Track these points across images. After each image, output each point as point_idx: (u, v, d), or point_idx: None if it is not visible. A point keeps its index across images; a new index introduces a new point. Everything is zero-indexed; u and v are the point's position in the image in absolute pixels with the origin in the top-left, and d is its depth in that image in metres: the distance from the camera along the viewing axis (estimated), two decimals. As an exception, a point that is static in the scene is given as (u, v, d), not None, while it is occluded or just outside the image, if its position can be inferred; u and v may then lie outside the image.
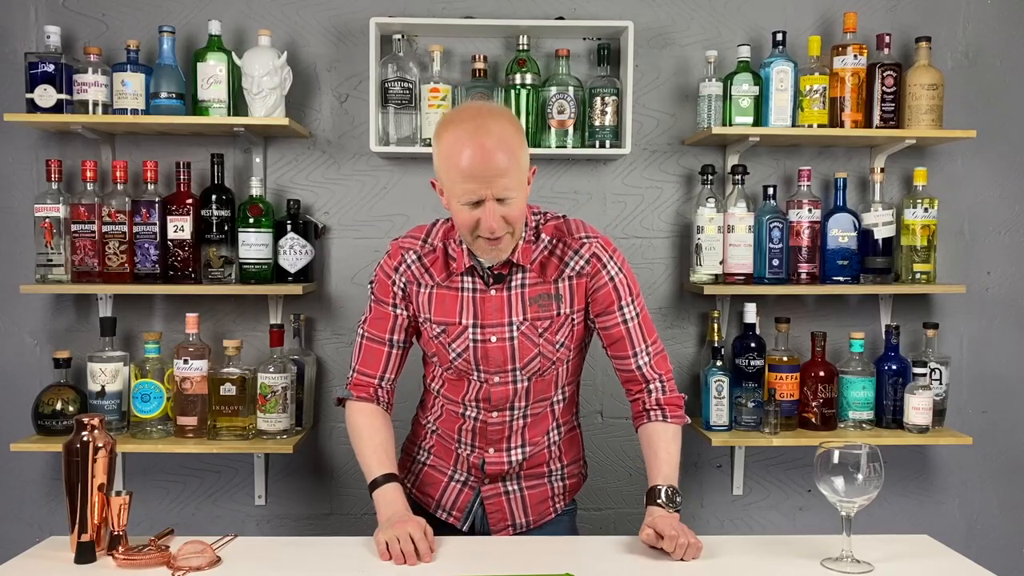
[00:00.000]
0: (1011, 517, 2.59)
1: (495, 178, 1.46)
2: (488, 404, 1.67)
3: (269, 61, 2.22)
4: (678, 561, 1.46)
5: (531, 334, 1.62)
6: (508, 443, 1.70)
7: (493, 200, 1.47)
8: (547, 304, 1.62)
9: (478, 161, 1.45)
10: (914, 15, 2.49)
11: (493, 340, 1.62)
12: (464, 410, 1.69)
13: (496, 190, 1.47)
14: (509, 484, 1.73)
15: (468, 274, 1.63)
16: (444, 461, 1.75)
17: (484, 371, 1.64)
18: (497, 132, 1.48)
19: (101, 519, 1.44)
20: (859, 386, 2.34)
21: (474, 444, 1.70)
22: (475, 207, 1.49)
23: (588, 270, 1.63)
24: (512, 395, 1.66)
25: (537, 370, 1.65)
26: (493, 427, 1.69)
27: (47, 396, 2.26)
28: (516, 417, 1.69)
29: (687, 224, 2.47)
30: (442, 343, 1.64)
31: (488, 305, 1.62)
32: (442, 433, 1.74)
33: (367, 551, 1.50)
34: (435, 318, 1.64)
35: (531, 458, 1.72)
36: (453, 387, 1.69)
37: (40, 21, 2.37)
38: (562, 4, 2.45)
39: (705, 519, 2.52)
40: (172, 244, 2.27)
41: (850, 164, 2.51)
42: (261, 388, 2.20)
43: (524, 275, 1.62)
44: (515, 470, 1.72)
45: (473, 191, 1.47)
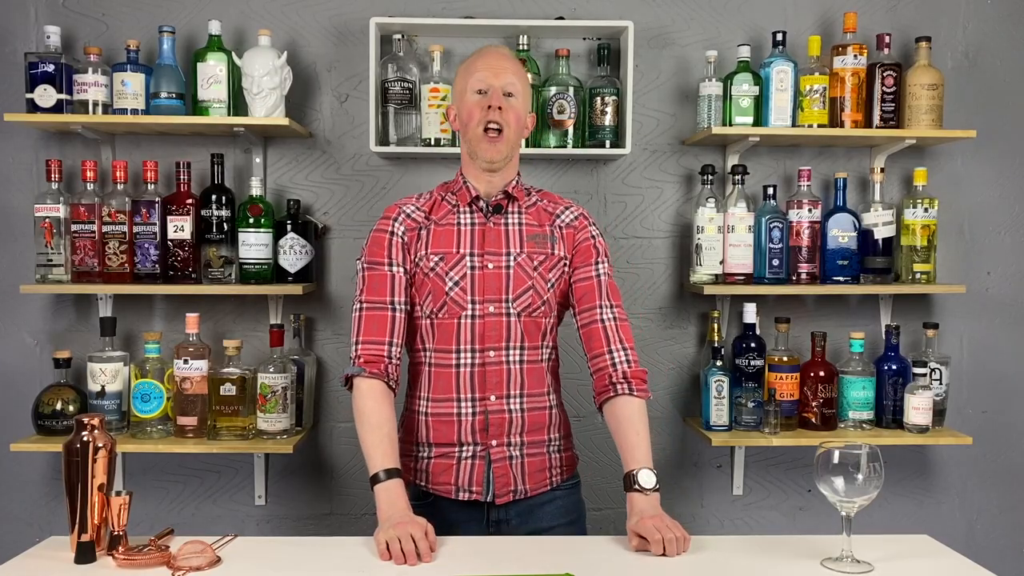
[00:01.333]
0: (1011, 517, 2.59)
1: (503, 73, 1.70)
2: (483, 343, 1.68)
3: (269, 61, 2.22)
4: (674, 557, 1.46)
5: (526, 266, 1.71)
6: (507, 388, 1.70)
7: (499, 88, 1.69)
8: (543, 243, 1.74)
9: (492, 59, 1.72)
10: (914, 15, 2.49)
11: (490, 267, 1.70)
12: (459, 358, 1.69)
13: (503, 82, 1.69)
14: (513, 449, 1.72)
15: (468, 210, 1.73)
16: (448, 444, 1.72)
17: (479, 300, 1.68)
18: (509, 52, 1.78)
19: (101, 519, 1.44)
20: (859, 386, 2.34)
21: (474, 395, 1.69)
22: (484, 97, 1.69)
23: (576, 224, 1.78)
24: (506, 330, 1.69)
25: (528, 305, 1.70)
26: (491, 367, 1.69)
27: (47, 396, 2.26)
28: (512, 361, 1.70)
29: (687, 224, 2.47)
30: (439, 273, 1.68)
31: (488, 235, 1.72)
32: (438, 407, 1.71)
33: (367, 551, 1.50)
34: (432, 250, 1.70)
35: (531, 413, 1.72)
36: (444, 335, 1.69)
37: (40, 21, 2.38)
38: (562, 4, 2.45)
39: (705, 519, 2.53)
40: (172, 244, 2.27)
41: (850, 164, 2.51)
42: (261, 388, 2.20)
43: (521, 215, 1.76)
44: (517, 428, 1.71)
45: (484, 78, 1.69)
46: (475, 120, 1.69)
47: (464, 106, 1.71)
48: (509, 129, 1.69)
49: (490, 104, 1.67)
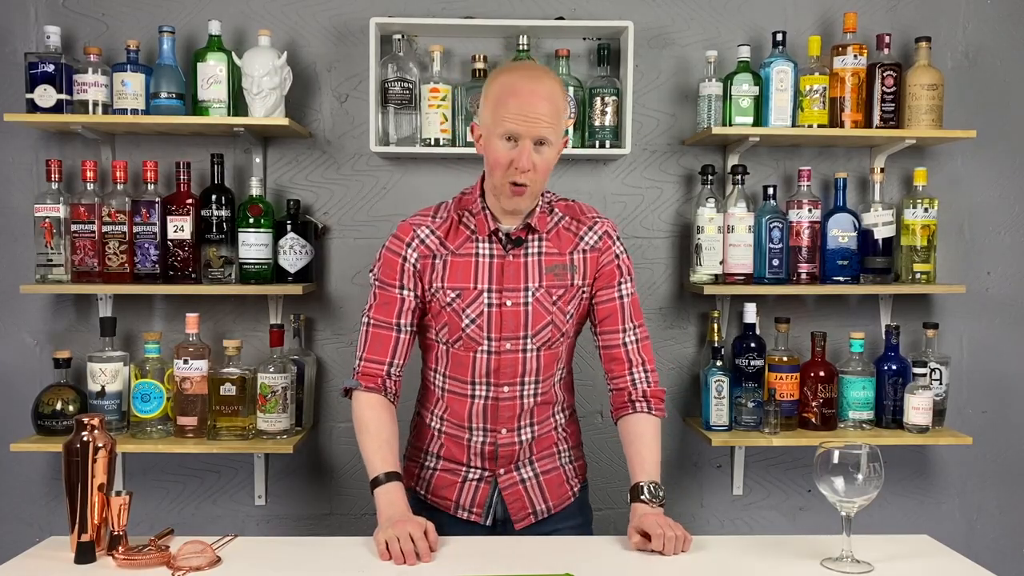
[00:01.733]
0: (1011, 517, 2.59)
1: (537, 120, 1.56)
2: (497, 378, 1.67)
3: (269, 61, 2.22)
4: (673, 556, 1.46)
5: (545, 301, 1.67)
6: (519, 421, 1.71)
7: (530, 140, 1.56)
8: (562, 274, 1.69)
9: (526, 101, 1.56)
10: (914, 15, 2.49)
11: (508, 304, 1.66)
12: (473, 390, 1.69)
13: (535, 132, 1.56)
14: (524, 471, 1.73)
15: (487, 240, 1.67)
16: (455, 462, 1.74)
17: (496, 338, 1.66)
18: (548, 84, 1.60)
19: (101, 519, 1.44)
20: (859, 386, 2.34)
21: (486, 427, 1.70)
22: (512, 145, 1.57)
23: (600, 245, 1.72)
24: (522, 366, 1.67)
25: (547, 340, 1.68)
26: (504, 403, 1.69)
27: (47, 396, 2.26)
28: (527, 394, 1.70)
29: (687, 224, 2.47)
30: (455, 310, 1.66)
31: (507, 270, 1.67)
32: (450, 428, 1.73)
33: (367, 551, 1.50)
34: (448, 284, 1.66)
35: (540, 439, 1.74)
36: (459, 365, 1.69)
37: (40, 21, 2.38)
38: (562, 4, 2.45)
39: (705, 519, 2.53)
40: (172, 244, 2.27)
41: (850, 164, 2.51)
42: (261, 388, 2.20)
43: (541, 243, 1.69)
44: (526, 454, 1.72)
45: (515, 127, 1.56)
46: (500, 170, 1.59)
47: (491, 149, 1.60)
48: (536, 184, 1.61)
49: (519, 166, 1.56)
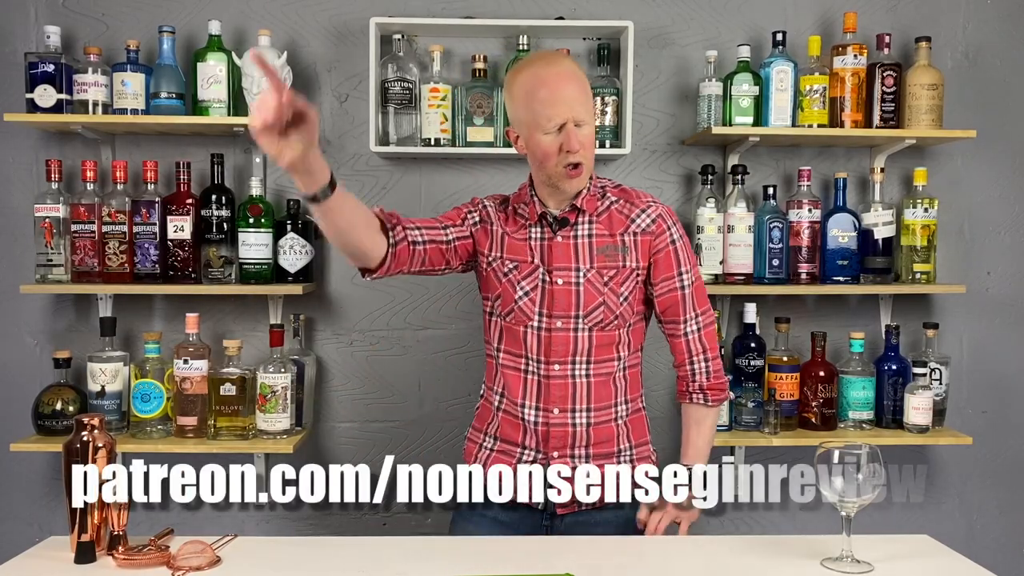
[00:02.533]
0: (1011, 517, 2.59)
1: (572, 102, 1.60)
2: (548, 356, 1.68)
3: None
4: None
5: (597, 282, 1.68)
6: (572, 403, 1.69)
7: (572, 122, 1.60)
8: (613, 255, 1.70)
9: (558, 88, 1.60)
10: (914, 15, 2.49)
11: (560, 283, 1.68)
12: (526, 365, 1.70)
13: (573, 114, 1.60)
14: (578, 461, 1.69)
15: (535, 225, 1.72)
16: (511, 442, 1.73)
17: (547, 315, 1.68)
18: (568, 66, 1.66)
19: (101, 519, 1.44)
20: (859, 386, 2.34)
21: (538, 405, 1.70)
22: (558, 133, 1.61)
23: (654, 229, 1.71)
24: (573, 345, 1.68)
25: (600, 321, 1.68)
26: (555, 381, 1.68)
27: (47, 396, 2.26)
28: (579, 375, 1.69)
29: (687, 224, 2.46)
30: (511, 280, 1.70)
31: (555, 250, 1.69)
32: (507, 404, 1.73)
33: (367, 551, 1.51)
34: (507, 255, 1.72)
35: (597, 427, 1.70)
36: (513, 339, 1.71)
37: (40, 21, 2.37)
38: (562, 4, 2.45)
39: (705, 519, 2.52)
40: (172, 244, 2.27)
41: (850, 164, 2.51)
42: (261, 388, 2.20)
43: (590, 225, 1.71)
44: (582, 441, 1.70)
45: (556, 115, 1.60)
46: (552, 160, 1.63)
47: (537, 144, 1.63)
48: (588, 160, 1.65)
49: (569, 149, 1.60)
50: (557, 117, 1.60)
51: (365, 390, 2.49)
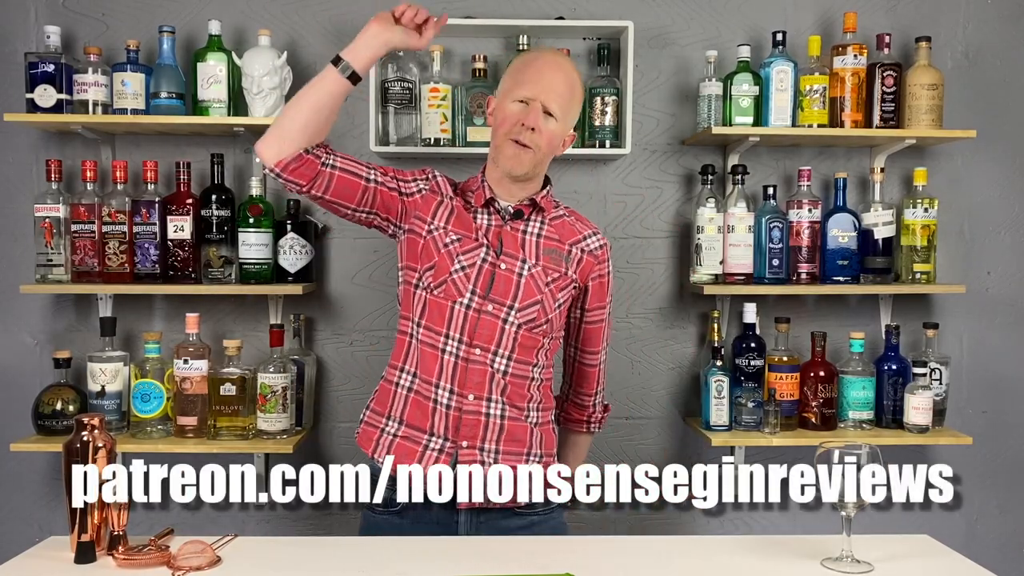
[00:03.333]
0: (1011, 517, 2.60)
1: (550, 91, 1.64)
2: (472, 337, 1.64)
3: (269, 61, 2.22)
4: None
5: (540, 279, 1.69)
6: (489, 391, 1.65)
7: (540, 104, 1.63)
8: (558, 260, 1.71)
9: (547, 72, 1.67)
10: (914, 15, 2.49)
11: (502, 267, 1.67)
12: (445, 343, 1.64)
13: (546, 99, 1.64)
14: (486, 456, 1.64)
15: (482, 210, 1.71)
16: (418, 428, 1.65)
17: (480, 296, 1.64)
18: (568, 69, 1.71)
19: (101, 519, 1.44)
20: (859, 386, 2.34)
21: (453, 388, 1.64)
22: (523, 107, 1.64)
23: (599, 254, 1.77)
24: (499, 335, 1.64)
25: (532, 320, 1.66)
26: (475, 366, 1.64)
27: (47, 396, 2.26)
28: (498, 366, 1.65)
29: (687, 224, 2.47)
30: (451, 252, 1.66)
31: (505, 239, 1.69)
32: (420, 383, 1.66)
33: (367, 551, 1.50)
34: (452, 227, 1.68)
35: (511, 422, 1.66)
36: (437, 315, 1.65)
37: (40, 21, 2.37)
38: (562, 4, 2.45)
39: (705, 519, 2.52)
40: (172, 244, 2.27)
41: (850, 164, 2.51)
42: (261, 388, 2.20)
43: (542, 225, 1.73)
44: (494, 435, 1.65)
45: (529, 91, 1.64)
46: (506, 127, 1.65)
47: (502, 109, 1.67)
48: (538, 151, 1.65)
49: (525, 121, 1.63)
50: (531, 91, 1.64)
51: (365, 390, 2.49)
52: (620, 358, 2.48)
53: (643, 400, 2.51)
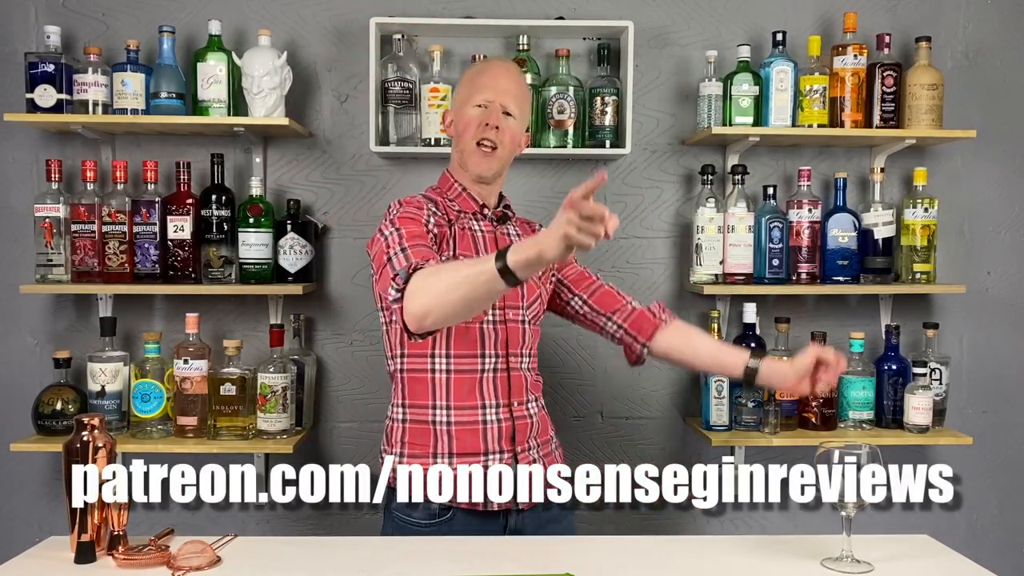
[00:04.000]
0: (1011, 517, 2.60)
1: (506, 92, 1.72)
2: (508, 347, 1.70)
3: (269, 61, 2.22)
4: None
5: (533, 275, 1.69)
6: (526, 394, 1.73)
7: (499, 106, 1.71)
8: None
9: (498, 77, 1.75)
10: (914, 15, 2.49)
11: None
12: (483, 363, 1.68)
13: (504, 100, 1.71)
14: (534, 453, 1.72)
15: (475, 218, 1.76)
16: (473, 454, 1.64)
17: (500, 306, 1.69)
18: (517, 73, 1.82)
19: (101, 519, 1.44)
20: (859, 386, 2.34)
21: (498, 402, 1.68)
22: (483, 110, 1.70)
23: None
24: (522, 337, 1.73)
25: (536, 314, 1.77)
26: (515, 373, 1.71)
27: (47, 396, 2.26)
28: (526, 367, 1.75)
29: (687, 224, 2.47)
30: None
31: (502, 243, 1.72)
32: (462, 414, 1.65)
33: (367, 551, 1.51)
34: (461, 252, 1.71)
35: (541, 419, 1.77)
36: (466, 339, 1.66)
37: (40, 21, 2.37)
38: (562, 4, 2.45)
39: (705, 519, 2.52)
40: (172, 244, 2.27)
41: (850, 164, 2.51)
42: (261, 388, 2.20)
43: (516, 226, 1.83)
44: (535, 432, 1.73)
45: (486, 94, 1.71)
46: (470, 133, 1.71)
47: (462, 117, 1.73)
48: (503, 148, 1.72)
49: (487, 122, 1.70)
50: (488, 95, 1.71)
51: (365, 390, 2.49)
52: (620, 358, 2.47)
53: (643, 400, 2.51)
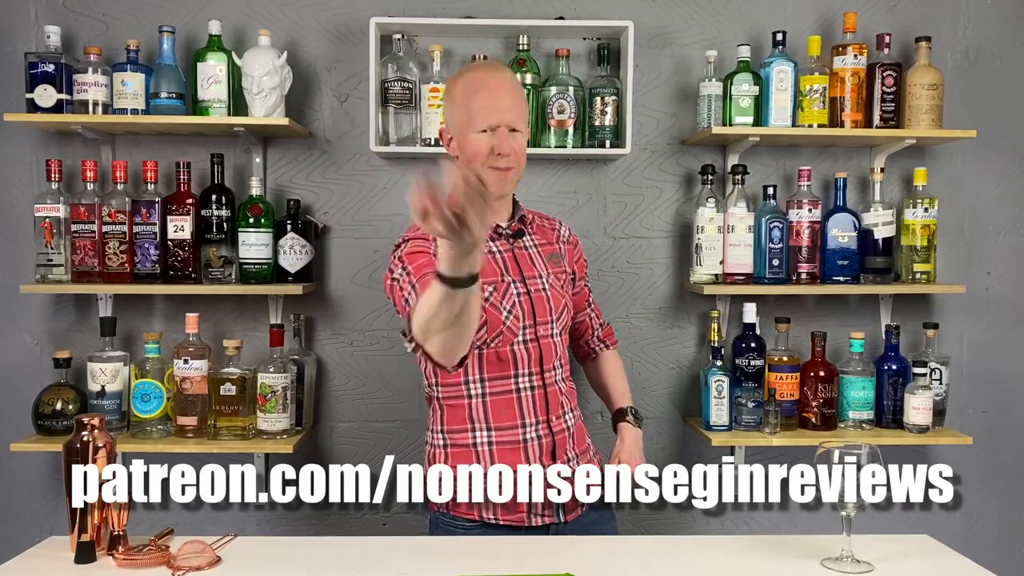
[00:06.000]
0: (1011, 517, 2.60)
1: (508, 110, 1.67)
2: (539, 365, 1.70)
3: (269, 61, 2.22)
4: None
5: (556, 286, 1.77)
6: (563, 408, 1.73)
7: (506, 127, 1.66)
8: (558, 261, 1.81)
9: (495, 92, 1.68)
10: (914, 15, 2.49)
11: (534, 291, 1.72)
12: (517, 383, 1.68)
13: (509, 120, 1.66)
14: (572, 464, 1.71)
15: (489, 241, 1.72)
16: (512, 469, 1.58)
17: (531, 325, 1.69)
18: (508, 76, 1.76)
19: (101, 519, 1.44)
20: (859, 386, 2.34)
21: (538, 419, 1.68)
22: (490, 135, 1.65)
23: (572, 240, 1.90)
24: (555, 349, 1.73)
25: (565, 323, 1.77)
26: (551, 388, 1.71)
27: (47, 396, 2.26)
28: (560, 379, 1.75)
29: (687, 224, 2.47)
30: (493, 304, 1.67)
31: (520, 261, 1.75)
32: (502, 435, 1.66)
33: (367, 551, 1.51)
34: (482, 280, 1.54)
35: (577, 430, 1.77)
36: (499, 363, 1.67)
37: (40, 21, 2.37)
38: (562, 4, 2.45)
39: (705, 519, 2.52)
40: (172, 244, 2.27)
41: (850, 164, 2.51)
42: (261, 388, 2.20)
43: (532, 237, 1.80)
44: (574, 443, 1.73)
45: (489, 117, 1.65)
46: (481, 158, 1.65)
47: (468, 143, 1.66)
48: (519, 166, 1.71)
49: (499, 150, 1.65)
50: (492, 118, 1.65)
51: (365, 390, 2.49)
52: (620, 358, 2.47)
53: (643, 400, 2.51)
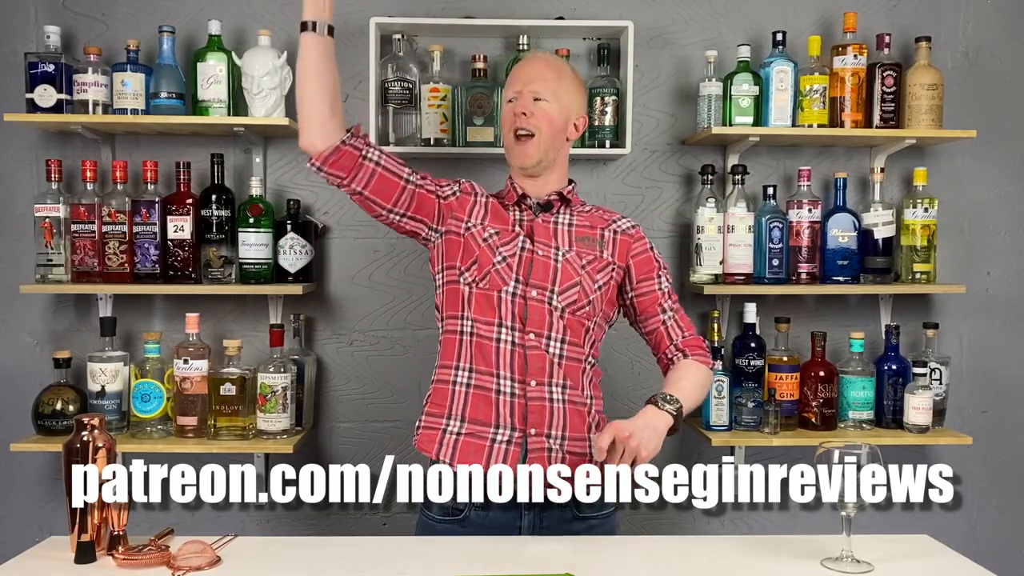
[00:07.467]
0: (1011, 517, 2.60)
1: (535, 79, 1.72)
2: (525, 323, 1.66)
3: (269, 61, 2.22)
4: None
5: (575, 262, 1.71)
6: (550, 376, 1.66)
7: (529, 95, 1.71)
8: (591, 245, 1.75)
9: (525, 65, 1.77)
10: (914, 15, 2.49)
11: (539, 254, 1.70)
12: (499, 332, 1.66)
13: (533, 87, 1.71)
14: (553, 442, 1.65)
15: (515, 206, 1.76)
16: (482, 423, 1.64)
17: (523, 282, 1.67)
18: (551, 58, 1.83)
19: (101, 519, 1.44)
20: (859, 386, 2.34)
21: (514, 377, 1.65)
22: (513, 104, 1.72)
23: (633, 232, 1.80)
24: (548, 319, 1.67)
25: (573, 302, 1.68)
26: (532, 351, 1.65)
27: (47, 396, 2.26)
28: (554, 350, 1.67)
29: (687, 224, 2.47)
30: (491, 245, 1.69)
31: (538, 229, 1.73)
32: (479, 376, 1.66)
33: (367, 551, 1.51)
34: (489, 222, 1.72)
35: (573, 408, 1.67)
36: (486, 306, 1.66)
37: (40, 21, 2.37)
38: (562, 4, 2.45)
39: (705, 519, 2.52)
40: (172, 244, 2.27)
41: (850, 164, 2.51)
42: (261, 388, 2.20)
43: (572, 216, 1.77)
44: (559, 421, 1.65)
45: (514, 87, 1.73)
46: (506, 127, 1.74)
47: (502, 117, 1.77)
48: (541, 134, 1.70)
49: (516, 111, 1.70)
50: (516, 86, 1.72)
51: (365, 390, 2.49)
52: (620, 358, 2.48)
53: (643, 400, 2.50)
